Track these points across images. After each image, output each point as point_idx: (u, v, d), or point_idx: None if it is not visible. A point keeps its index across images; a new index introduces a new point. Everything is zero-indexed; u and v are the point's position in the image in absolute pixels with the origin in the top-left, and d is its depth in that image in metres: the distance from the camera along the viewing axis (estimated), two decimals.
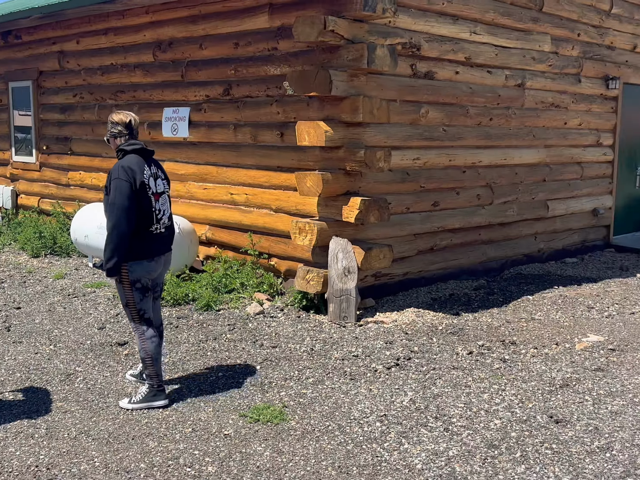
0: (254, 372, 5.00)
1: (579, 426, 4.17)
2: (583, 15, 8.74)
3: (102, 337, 5.79)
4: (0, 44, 10.74)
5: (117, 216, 4.23)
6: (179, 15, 7.79)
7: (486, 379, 4.85)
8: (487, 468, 3.63)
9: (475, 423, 4.19)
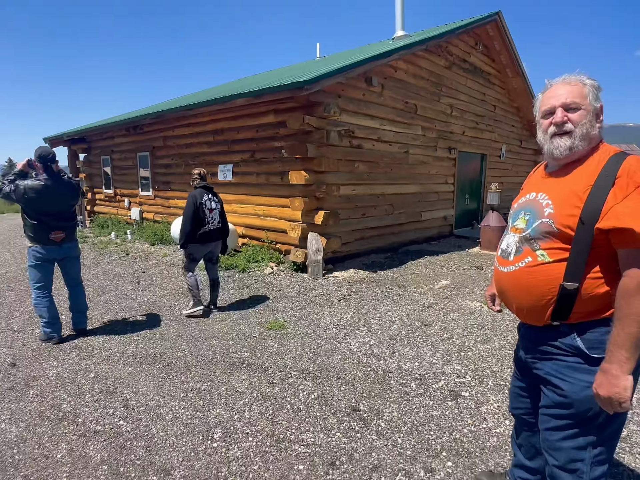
0: (268, 304, 4.93)
1: (437, 327, 4.17)
2: (437, 115, 8.74)
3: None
4: (132, 133, 10.46)
5: (185, 220, 4.37)
6: (226, 116, 7.62)
7: (389, 304, 4.82)
8: (390, 350, 3.61)
9: (384, 327, 4.16)
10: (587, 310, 1.30)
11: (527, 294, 1.39)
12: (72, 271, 4.01)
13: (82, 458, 2.25)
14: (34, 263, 3.74)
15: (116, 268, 6.85)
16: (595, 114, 1.36)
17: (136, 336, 3.95)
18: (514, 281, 1.43)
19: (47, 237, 3.67)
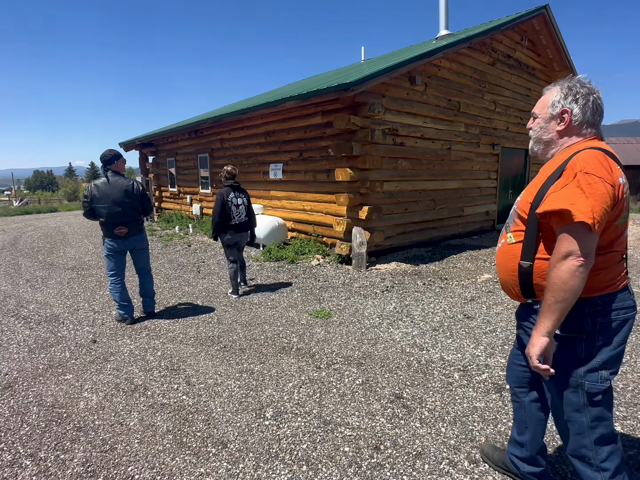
0: (315, 293, 4.92)
1: (479, 320, 3.97)
2: (481, 112, 8.30)
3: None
4: (193, 136, 10.85)
5: (214, 215, 4.72)
6: (277, 118, 7.69)
7: (432, 297, 4.66)
8: (432, 340, 3.47)
9: (426, 318, 4.02)
10: (544, 288, 1.31)
11: (502, 271, 1.50)
12: (140, 261, 4.21)
13: (151, 427, 2.35)
14: (107, 253, 3.99)
15: (179, 258, 7.14)
16: (552, 120, 1.42)
17: (197, 320, 4.09)
18: (497, 259, 1.56)
19: (112, 232, 3.89)
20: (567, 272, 1.22)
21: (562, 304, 1.24)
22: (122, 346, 3.49)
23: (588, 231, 1.21)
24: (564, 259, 1.23)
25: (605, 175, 1.23)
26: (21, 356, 3.32)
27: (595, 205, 1.19)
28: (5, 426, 2.38)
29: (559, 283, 1.23)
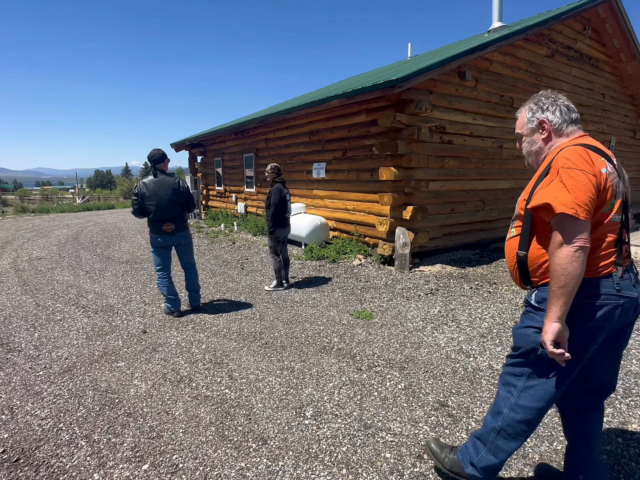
0: (356, 294, 4.86)
1: None
2: None
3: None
4: (240, 137, 11.15)
5: (273, 209, 4.85)
6: (321, 117, 7.70)
7: (479, 302, 4.44)
8: (480, 347, 3.30)
9: (473, 324, 3.83)
10: (538, 274, 1.48)
11: (507, 261, 1.64)
12: (185, 256, 4.36)
13: (195, 418, 2.41)
14: (154, 249, 4.16)
15: (224, 255, 7.35)
16: (531, 133, 1.59)
17: (240, 315, 4.17)
18: (505, 252, 1.67)
19: (160, 228, 4.04)
20: (564, 258, 1.31)
21: (565, 289, 1.31)
22: (169, 338, 3.63)
23: (574, 220, 1.30)
24: (559, 247, 1.32)
25: (585, 167, 1.33)
26: (79, 342, 3.55)
27: (579, 194, 1.30)
28: (64, 407, 2.54)
29: (559, 269, 1.32)
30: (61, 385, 2.81)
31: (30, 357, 3.26)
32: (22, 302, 4.72)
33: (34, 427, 2.34)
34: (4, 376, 2.96)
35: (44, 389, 2.77)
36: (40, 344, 3.52)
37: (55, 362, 3.17)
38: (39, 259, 7.25)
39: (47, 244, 9.05)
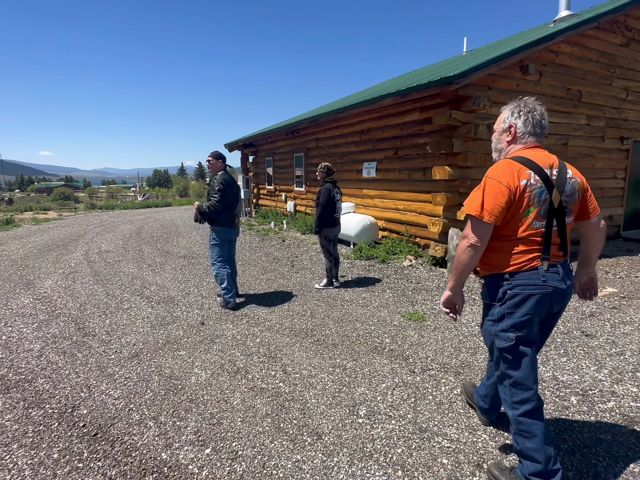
0: (407, 295, 4.78)
1: (602, 339, 3.47)
2: (607, 101, 7.20)
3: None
4: (290, 137, 11.35)
5: (320, 208, 4.88)
6: (373, 116, 7.65)
7: None
8: (542, 357, 3.14)
9: None
10: (480, 266, 1.79)
11: None
12: (234, 249, 4.70)
13: (252, 408, 2.50)
14: (218, 242, 4.36)
15: (275, 252, 7.52)
16: (504, 132, 1.78)
17: (291, 312, 4.25)
18: None
19: (232, 222, 4.39)
20: (461, 248, 1.66)
21: (457, 271, 1.70)
22: (225, 330, 3.78)
23: (479, 221, 1.60)
24: (462, 239, 1.65)
25: (502, 179, 1.59)
26: (145, 330, 3.81)
27: (489, 201, 1.58)
28: (134, 389, 2.74)
29: (457, 255, 1.69)
30: (130, 369, 3.03)
31: (103, 342, 3.55)
32: (94, 291, 5.15)
33: (109, 406, 2.55)
34: (82, 357, 3.24)
35: (116, 371, 3.00)
36: (111, 330, 3.82)
37: (124, 347, 3.43)
38: (107, 252, 7.85)
39: (114, 238, 9.77)
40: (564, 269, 1.70)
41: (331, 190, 4.89)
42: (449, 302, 1.81)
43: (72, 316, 4.23)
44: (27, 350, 3.40)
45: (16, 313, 4.35)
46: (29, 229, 12.13)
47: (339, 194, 5.01)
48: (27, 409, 2.53)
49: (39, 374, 2.98)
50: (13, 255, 7.65)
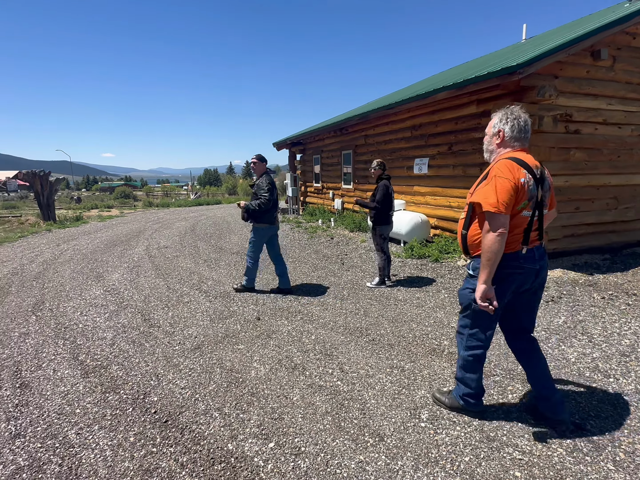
0: None
1: None
2: None
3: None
4: (339, 134, 11.33)
5: (378, 204, 4.86)
6: (425, 111, 7.43)
7: (615, 314, 3.86)
8: (622, 368, 2.88)
9: (610, 340, 3.35)
10: (473, 248, 2.08)
11: (458, 237, 2.23)
12: (278, 245, 4.98)
13: (311, 406, 2.52)
14: (260, 239, 4.78)
15: (324, 250, 7.55)
16: (491, 136, 2.08)
17: (344, 310, 4.24)
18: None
19: (274, 219, 4.79)
20: (490, 241, 1.87)
21: (490, 262, 1.89)
22: (281, 326, 3.84)
23: (496, 214, 1.84)
24: (487, 232, 1.88)
25: (510, 177, 1.86)
26: (205, 323, 3.96)
27: (503, 196, 1.84)
28: (198, 380, 2.86)
29: (487, 248, 1.88)
30: (194, 360, 3.16)
31: (168, 333, 3.74)
32: (157, 285, 5.44)
33: (176, 395, 2.67)
34: (149, 347, 3.44)
35: (181, 362, 3.15)
36: (174, 322, 4.02)
37: (187, 339, 3.59)
38: (166, 247, 8.28)
39: (170, 234, 10.29)
40: (538, 252, 2.05)
41: (388, 187, 4.82)
42: (486, 295, 1.95)
43: (138, 308, 4.50)
44: (101, 338, 3.66)
45: (89, 303, 4.71)
46: (95, 225, 13.11)
47: (394, 191, 4.94)
48: (105, 393, 2.72)
49: (112, 361, 3.20)
50: (84, 250, 8.29)
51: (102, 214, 17.80)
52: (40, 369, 3.09)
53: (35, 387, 2.81)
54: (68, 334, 3.78)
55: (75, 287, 5.42)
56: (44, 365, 3.16)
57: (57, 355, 3.34)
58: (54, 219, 14.31)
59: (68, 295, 5.06)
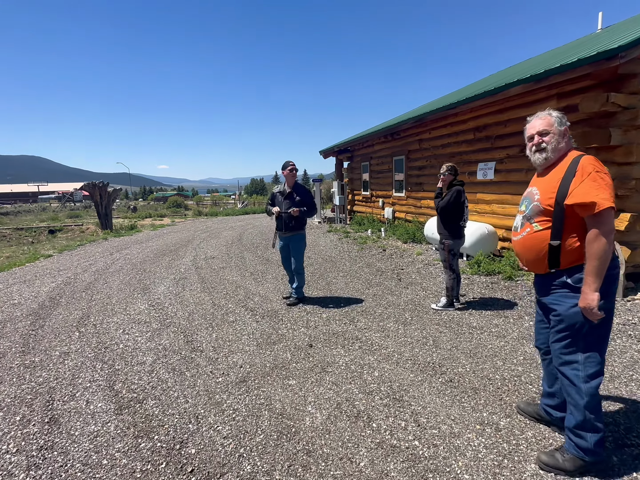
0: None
1: None
2: None
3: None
4: (389, 139, 10.73)
5: (448, 214, 4.22)
6: (491, 110, 6.68)
7: None
8: None
9: None
10: (570, 259, 1.83)
11: (529, 253, 1.97)
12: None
13: (385, 476, 1.94)
14: (304, 244, 4.80)
15: (377, 263, 6.94)
16: (560, 134, 1.92)
17: (410, 338, 3.62)
18: (523, 246, 2.00)
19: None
20: (607, 243, 1.69)
21: (604, 266, 1.71)
22: (336, 357, 3.31)
23: (612, 211, 1.71)
24: (602, 234, 1.69)
25: (607, 171, 1.78)
26: (251, 349, 3.52)
27: (611, 191, 1.72)
28: (243, 427, 2.38)
29: (601, 251, 1.69)
30: (239, 398, 2.71)
31: (211, 360, 3.33)
32: (202, 300, 5.13)
33: (217, 447, 2.21)
34: (190, 377, 3.04)
35: (224, 399, 2.70)
36: (218, 346, 3.61)
37: (231, 368, 3.15)
38: (212, 258, 8.07)
39: (218, 244, 10.16)
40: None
41: (462, 194, 4.16)
42: (597, 302, 1.71)
43: (181, 326, 4.17)
44: (140, 362, 3.33)
45: (133, 319, 4.45)
46: (147, 234, 13.39)
47: (466, 200, 4.28)
48: (137, 437, 2.32)
49: (149, 393, 2.82)
50: (134, 259, 8.29)
51: (154, 222, 18.35)
52: (73, 399, 2.77)
53: (64, 424, 2.48)
54: (107, 356, 3.48)
55: (121, 300, 5.23)
56: (77, 394, 2.84)
57: (92, 382, 3.02)
58: (110, 227, 14.87)
59: (113, 309, 4.86)
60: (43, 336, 4.06)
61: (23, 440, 2.34)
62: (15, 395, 2.88)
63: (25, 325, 4.43)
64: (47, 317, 4.66)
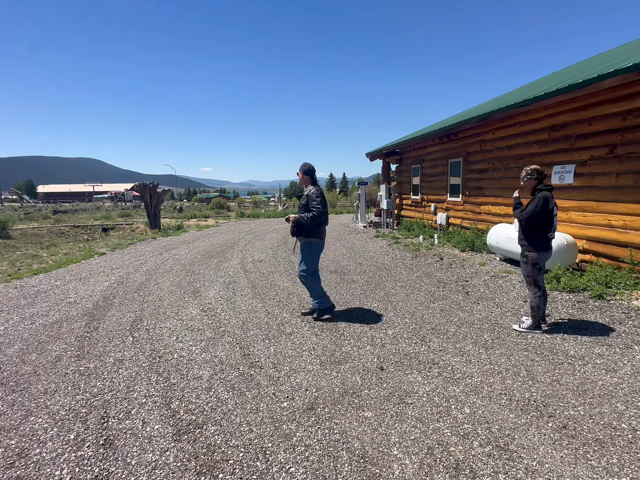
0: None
1: None
2: None
3: (526, 308, 4.43)
4: (445, 141, 10.10)
5: (534, 223, 3.66)
6: (570, 107, 5.97)
7: None
8: None
9: None
10: None
11: None
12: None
13: None
14: (314, 253, 4.25)
15: (436, 273, 6.41)
16: None
17: (496, 366, 3.11)
18: None
19: (324, 233, 4.28)
20: None
21: None
22: (414, 384, 2.87)
23: None
24: None
25: None
26: (314, 368, 3.16)
27: None
28: (321, 472, 2.00)
29: None
30: (309, 431, 2.34)
31: (272, 379, 3.00)
32: (254, 307, 4.85)
33: None
34: (251, 399, 2.72)
35: (292, 430, 2.35)
36: (277, 362, 3.28)
37: (296, 391, 2.81)
38: (260, 262, 7.86)
39: (263, 246, 9.98)
40: None
41: (550, 201, 3.62)
42: None
43: (236, 336, 3.89)
44: (196, 377, 3.06)
45: (186, 326, 4.24)
46: (193, 234, 13.53)
47: (556, 208, 3.71)
48: (200, 474, 2.01)
49: (209, 416, 2.52)
50: (182, 260, 8.25)
51: (199, 223, 18.65)
52: (128, 418, 2.53)
53: (120, 449, 2.22)
54: (162, 367, 3.25)
55: (172, 303, 5.08)
56: (133, 411, 2.60)
57: (148, 397, 2.78)
58: (159, 227, 15.20)
59: (165, 313, 4.69)
60: (97, 339, 3.93)
61: (77, 465, 2.10)
62: (70, 407, 2.69)
63: (81, 326, 4.35)
64: (101, 319, 4.57)
